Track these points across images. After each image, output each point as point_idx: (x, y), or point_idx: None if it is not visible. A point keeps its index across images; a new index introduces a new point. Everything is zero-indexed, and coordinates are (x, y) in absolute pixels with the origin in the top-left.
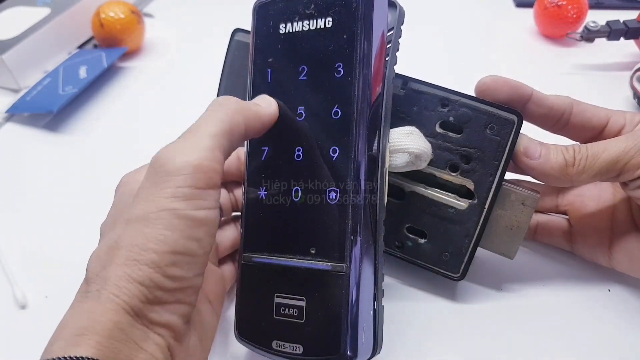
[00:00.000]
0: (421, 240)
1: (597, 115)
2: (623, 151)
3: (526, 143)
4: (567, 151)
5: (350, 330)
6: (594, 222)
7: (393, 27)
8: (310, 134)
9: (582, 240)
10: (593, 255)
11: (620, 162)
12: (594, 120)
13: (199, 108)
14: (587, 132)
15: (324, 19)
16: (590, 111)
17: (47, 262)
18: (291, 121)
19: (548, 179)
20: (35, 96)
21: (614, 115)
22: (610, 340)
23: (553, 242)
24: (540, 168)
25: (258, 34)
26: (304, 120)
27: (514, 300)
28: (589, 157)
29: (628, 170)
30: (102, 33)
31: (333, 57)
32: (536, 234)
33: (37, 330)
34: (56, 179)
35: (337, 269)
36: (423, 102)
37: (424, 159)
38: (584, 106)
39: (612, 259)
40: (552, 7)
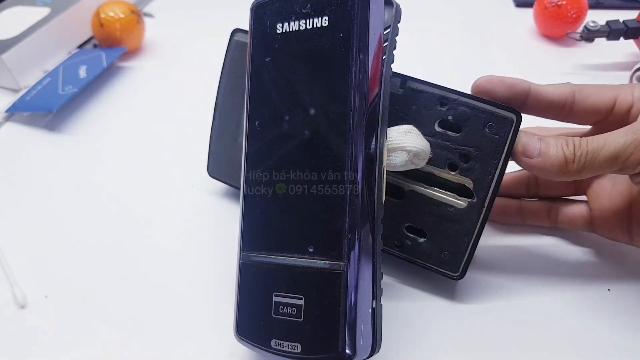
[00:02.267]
0: (420, 239)
1: (602, 97)
2: (622, 146)
3: (524, 141)
4: (567, 146)
5: (348, 328)
6: (613, 204)
7: (390, 25)
8: (307, 133)
9: (602, 222)
10: (614, 235)
11: (620, 157)
12: (598, 103)
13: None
14: (594, 117)
15: (320, 18)
16: (595, 95)
17: (47, 262)
18: (289, 120)
19: (549, 176)
20: (35, 96)
21: (621, 94)
22: (609, 340)
23: (575, 228)
24: (540, 166)
25: (255, 34)
26: (301, 119)
27: (513, 299)
28: (589, 153)
29: (628, 166)
30: (101, 33)
31: (330, 55)
32: (558, 221)
33: (37, 330)
34: (56, 178)
35: (335, 267)
36: (422, 101)
37: (423, 158)
38: (587, 91)
39: (633, 238)
40: (551, 7)
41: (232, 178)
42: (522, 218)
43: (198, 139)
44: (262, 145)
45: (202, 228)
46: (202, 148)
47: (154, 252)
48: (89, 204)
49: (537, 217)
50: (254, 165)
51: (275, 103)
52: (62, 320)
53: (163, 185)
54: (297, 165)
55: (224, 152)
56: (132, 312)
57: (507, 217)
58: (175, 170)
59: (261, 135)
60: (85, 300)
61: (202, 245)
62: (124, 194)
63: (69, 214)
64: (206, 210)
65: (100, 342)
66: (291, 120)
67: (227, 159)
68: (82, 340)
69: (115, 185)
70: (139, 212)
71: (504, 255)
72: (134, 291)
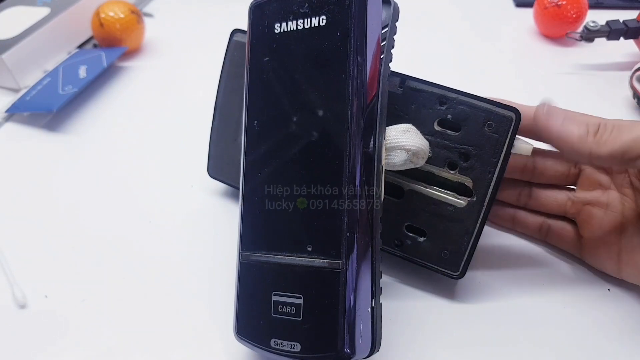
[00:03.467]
0: (420, 238)
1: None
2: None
3: (549, 107)
4: (592, 123)
5: (347, 327)
6: (603, 233)
7: (388, 24)
8: (305, 132)
9: (591, 249)
10: (602, 265)
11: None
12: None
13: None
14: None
15: (318, 18)
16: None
17: (47, 262)
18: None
19: (565, 146)
20: (35, 96)
21: None
22: (610, 340)
23: (563, 248)
24: (561, 132)
25: (254, 33)
26: (299, 119)
27: (513, 299)
28: (614, 130)
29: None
30: (101, 33)
31: (327, 55)
32: (548, 237)
33: (37, 330)
34: (56, 178)
35: (334, 266)
36: (421, 100)
37: (422, 157)
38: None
39: (621, 270)
40: (551, 7)
41: (232, 178)
42: (513, 225)
43: (198, 139)
44: (261, 144)
45: (201, 228)
46: (202, 148)
47: (154, 252)
48: (89, 204)
49: (528, 229)
50: (253, 164)
51: (274, 103)
52: (62, 320)
53: (163, 185)
54: (296, 164)
55: (224, 152)
56: (132, 312)
57: (500, 221)
58: (175, 171)
59: (259, 135)
60: (85, 300)
61: (202, 245)
62: (123, 194)
63: (69, 214)
64: (206, 210)
65: (100, 342)
66: (289, 120)
67: (227, 159)
68: (82, 340)
69: (115, 185)
70: (139, 212)
71: (504, 255)
72: (134, 291)
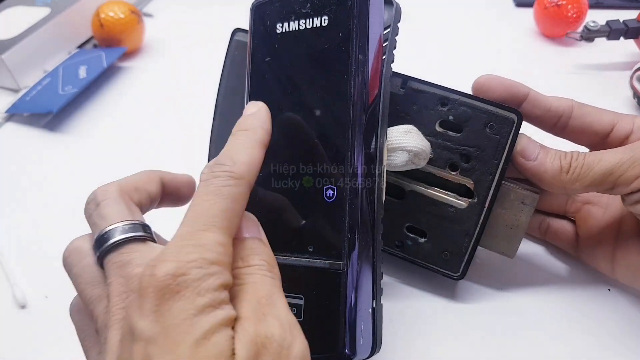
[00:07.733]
0: (421, 239)
1: (600, 120)
2: (617, 164)
3: (525, 143)
4: (565, 157)
5: (348, 328)
6: (600, 233)
7: (390, 24)
8: (307, 132)
9: (587, 249)
10: (597, 265)
11: (613, 174)
12: (595, 125)
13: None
14: (589, 137)
15: (320, 18)
16: (594, 115)
17: (47, 262)
18: (288, 120)
19: (542, 183)
20: (35, 96)
21: (620, 121)
22: (610, 340)
23: (560, 246)
24: (534, 170)
25: (255, 33)
26: (300, 119)
27: (514, 299)
28: (584, 166)
29: (621, 184)
30: (101, 33)
31: (329, 55)
32: (546, 235)
33: (37, 330)
34: (56, 178)
35: (335, 267)
36: (423, 101)
37: (423, 158)
38: (586, 110)
39: (615, 270)
40: (552, 7)
41: None
42: None
43: (198, 139)
44: None
45: None
46: (202, 148)
47: None
48: None
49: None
50: None
51: (275, 103)
52: (62, 320)
53: None
54: (297, 164)
55: None
56: None
57: None
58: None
59: None
60: None
61: None
62: None
63: (69, 214)
64: None
65: None
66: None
67: None
68: None
69: None
70: None
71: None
72: None
